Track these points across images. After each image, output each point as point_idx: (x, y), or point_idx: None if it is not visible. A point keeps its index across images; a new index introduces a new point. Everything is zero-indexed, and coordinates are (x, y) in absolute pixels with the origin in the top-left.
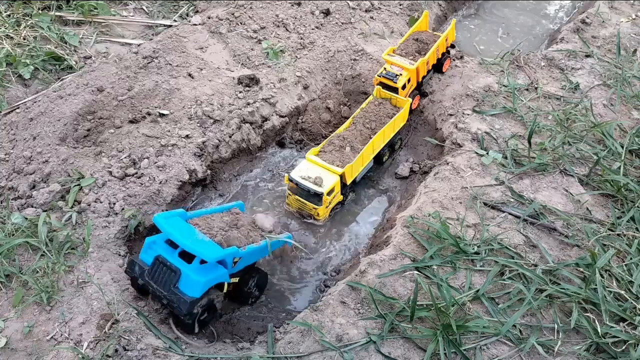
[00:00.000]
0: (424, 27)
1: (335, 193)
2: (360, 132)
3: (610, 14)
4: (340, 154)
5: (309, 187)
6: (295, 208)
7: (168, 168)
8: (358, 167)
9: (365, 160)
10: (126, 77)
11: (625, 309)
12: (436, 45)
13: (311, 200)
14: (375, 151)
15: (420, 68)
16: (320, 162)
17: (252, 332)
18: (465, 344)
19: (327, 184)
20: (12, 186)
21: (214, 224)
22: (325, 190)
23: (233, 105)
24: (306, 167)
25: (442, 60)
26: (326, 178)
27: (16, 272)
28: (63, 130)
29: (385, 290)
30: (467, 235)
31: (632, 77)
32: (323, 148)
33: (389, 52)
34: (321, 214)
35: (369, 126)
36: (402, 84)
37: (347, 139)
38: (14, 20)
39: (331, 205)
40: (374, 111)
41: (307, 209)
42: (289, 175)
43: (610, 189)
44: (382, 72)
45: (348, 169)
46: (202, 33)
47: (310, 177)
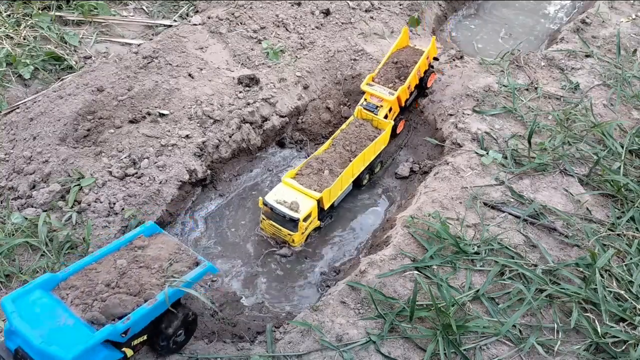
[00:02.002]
0: (405, 43)
1: (312, 219)
2: (339, 155)
3: (610, 14)
4: (318, 177)
5: (284, 212)
6: (270, 234)
7: (168, 168)
8: (336, 192)
9: (344, 184)
10: (126, 77)
11: (625, 309)
12: (417, 68)
13: (286, 226)
14: (354, 175)
15: (401, 95)
16: (297, 185)
17: (252, 332)
18: (465, 344)
19: (304, 209)
20: (12, 186)
21: (99, 279)
22: (301, 216)
23: (233, 105)
24: (282, 191)
25: (425, 78)
26: (303, 203)
27: (16, 272)
28: (63, 130)
29: (385, 290)
30: (467, 235)
31: (632, 77)
32: (300, 171)
33: (368, 81)
34: (296, 240)
35: (349, 148)
36: (383, 115)
37: (325, 162)
38: (14, 20)
39: (307, 232)
40: (355, 133)
41: (282, 235)
42: (264, 199)
43: (610, 189)
44: (362, 103)
45: (326, 193)
46: (202, 33)
47: (286, 202)
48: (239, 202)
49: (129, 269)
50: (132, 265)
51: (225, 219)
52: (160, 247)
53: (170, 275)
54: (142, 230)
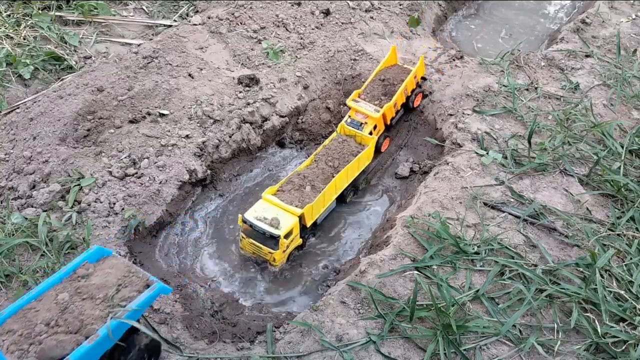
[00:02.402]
0: (393, 61)
1: (294, 236)
2: (322, 171)
3: (610, 14)
4: (300, 193)
5: (265, 229)
6: (250, 252)
7: (168, 168)
8: (319, 208)
9: (327, 200)
10: (126, 77)
11: (625, 309)
12: (403, 86)
13: (267, 244)
14: (338, 191)
15: (386, 113)
16: (278, 202)
17: (252, 332)
18: (465, 344)
19: (285, 226)
20: (12, 186)
21: (38, 319)
22: (282, 233)
23: (233, 105)
24: (262, 208)
25: (412, 97)
26: (284, 219)
27: (16, 272)
28: (63, 130)
29: (385, 290)
30: (467, 235)
31: (632, 77)
32: (281, 187)
33: (354, 97)
34: (278, 259)
35: (331, 164)
36: (367, 132)
37: (307, 178)
38: (14, 20)
39: (289, 250)
40: (338, 149)
41: (263, 254)
42: (243, 217)
43: (610, 189)
44: (347, 120)
45: (308, 209)
46: (202, 33)
47: (267, 218)
48: (239, 202)
49: (71, 302)
50: (75, 298)
51: (225, 219)
52: (108, 272)
53: (116, 304)
54: (86, 257)
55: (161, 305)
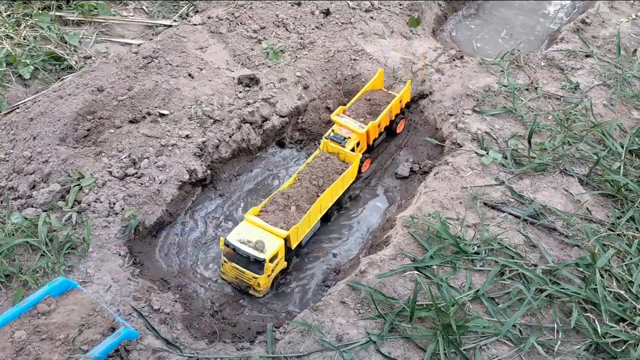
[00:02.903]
0: (379, 86)
1: (279, 259)
2: (306, 190)
3: (610, 14)
4: (285, 214)
5: (249, 253)
6: (232, 277)
7: (168, 168)
8: (304, 229)
9: (312, 220)
10: (126, 77)
11: (625, 309)
12: (389, 108)
13: (251, 268)
14: (323, 211)
15: (370, 131)
16: (262, 223)
17: (252, 332)
18: (465, 344)
19: (270, 249)
20: (12, 186)
21: None
22: (267, 256)
23: (233, 105)
24: (246, 230)
25: (395, 123)
26: (269, 242)
27: (16, 272)
28: (63, 130)
29: (385, 290)
30: (467, 235)
31: (632, 77)
32: (265, 207)
33: (338, 113)
34: (262, 284)
35: (315, 183)
36: (350, 148)
37: (292, 197)
38: (14, 20)
39: (274, 274)
40: (321, 167)
41: (246, 279)
42: (225, 239)
43: (610, 189)
44: (329, 134)
45: (293, 231)
46: (202, 33)
47: (250, 241)
48: (240, 201)
49: (28, 342)
50: (33, 337)
51: (226, 219)
52: (71, 309)
53: (77, 348)
54: (48, 290)
55: (161, 305)
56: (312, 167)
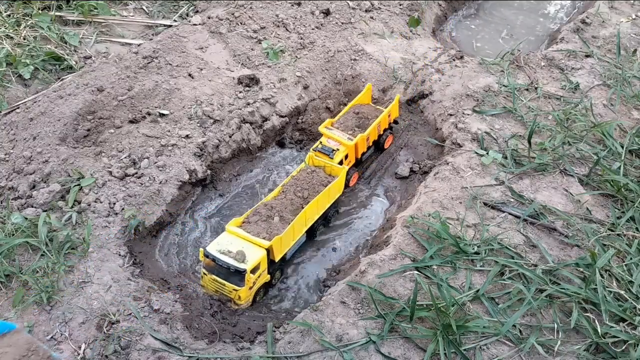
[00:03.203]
0: (367, 100)
1: (261, 271)
2: (290, 202)
3: (610, 14)
4: (268, 224)
5: (229, 263)
6: (212, 291)
7: (168, 168)
8: (288, 241)
9: (296, 233)
10: (126, 77)
11: (625, 309)
12: (378, 121)
13: (231, 280)
14: (308, 224)
15: (359, 144)
16: (244, 234)
17: (252, 332)
18: (465, 344)
19: (251, 259)
20: (12, 186)
21: None
22: (248, 267)
23: (233, 105)
24: (226, 240)
25: (383, 138)
26: (250, 252)
27: (16, 272)
28: (63, 130)
29: (385, 290)
30: (467, 235)
31: (632, 77)
32: (247, 218)
33: (326, 125)
34: (243, 297)
35: (300, 195)
36: (338, 161)
37: (275, 208)
38: (14, 20)
39: (255, 287)
40: (307, 179)
41: (226, 291)
42: (205, 250)
43: (610, 189)
44: (317, 146)
45: (276, 241)
46: (202, 33)
47: (231, 252)
48: (239, 201)
49: None
50: None
51: (225, 219)
52: (4, 351)
53: None
54: None
55: (161, 305)
56: (297, 180)
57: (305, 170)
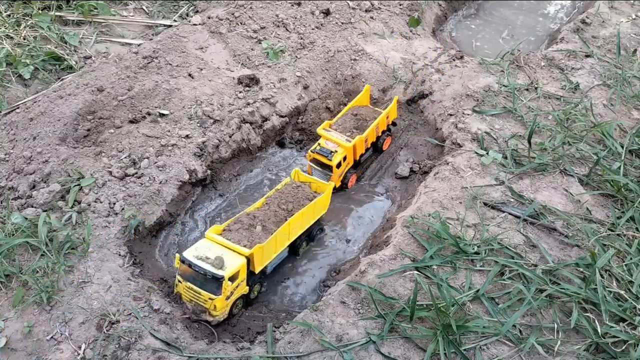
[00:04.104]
0: (365, 102)
1: (240, 281)
2: (274, 213)
3: (610, 14)
4: (249, 233)
5: (206, 270)
6: (187, 300)
7: (168, 168)
8: (270, 252)
9: (279, 245)
10: (126, 77)
11: (625, 309)
12: (376, 123)
13: (207, 288)
14: (291, 237)
15: (357, 146)
16: (224, 241)
17: (252, 332)
18: (465, 344)
19: (230, 267)
20: (12, 186)
21: None
22: (226, 274)
23: (233, 105)
24: (205, 247)
25: (381, 139)
26: (229, 259)
27: (16, 272)
28: (63, 130)
29: (385, 290)
30: (467, 235)
31: (632, 77)
32: (228, 226)
33: (324, 127)
34: (219, 307)
35: (285, 207)
36: (337, 162)
37: (258, 218)
38: (14, 20)
39: (233, 298)
40: (292, 193)
41: (202, 300)
42: (181, 256)
43: (610, 189)
44: (315, 148)
45: (258, 250)
46: (202, 33)
47: (209, 258)
48: (239, 202)
49: None
50: None
51: (225, 219)
52: None
53: None
54: None
55: (161, 305)
56: (281, 193)
57: (290, 184)
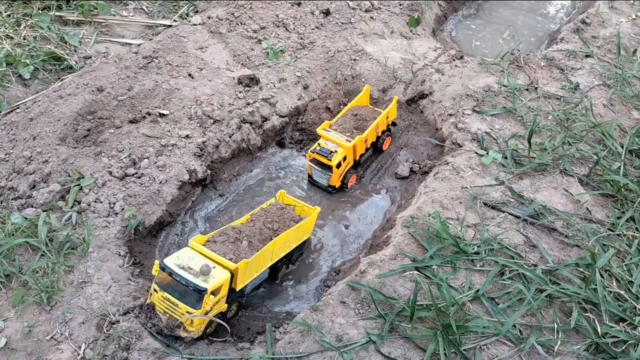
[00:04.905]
0: (365, 102)
1: (221, 297)
2: (259, 231)
3: (610, 14)
4: (235, 247)
5: (188, 280)
6: (160, 312)
7: (168, 168)
8: (253, 271)
9: (262, 264)
10: (126, 77)
11: (625, 309)
12: (376, 122)
13: (186, 300)
14: (274, 258)
15: (357, 146)
16: (208, 251)
17: (252, 332)
18: (465, 344)
19: (215, 279)
20: (12, 186)
21: None
22: (210, 287)
23: (233, 105)
24: (188, 256)
25: (381, 139)
26: (214, 272)
27: (16, 272)
28: (63, 130)
29: (385, 290)
30: (467, 235)
31: (632, 77)
32: (213, 238)
33: (324, 127)
34: (196, 323)
35: (270, 226)
36: (337, 162)
37: (244, 233)
38: (14, 20)
39: (210, 314)
40: (277, 213)
41: (178, 314)
42: (161, 262)
43: (610, 189)
44: (315, 148)
45: (243, 265)
46: (202, 33)
47: (192, 268)
48: (239, 201)
49: None
50: None
51: (225, 219)
52: None
53: None
54: None
55: None
56: (266, 212)
57: (275, 205)
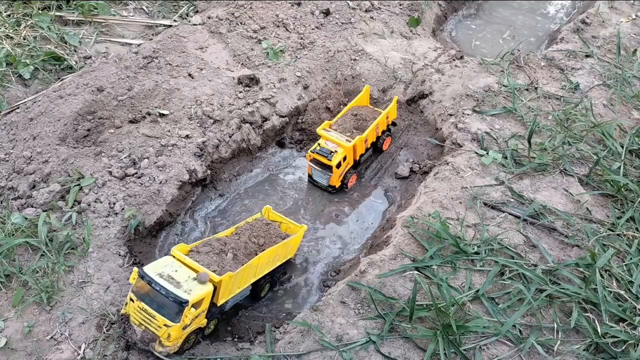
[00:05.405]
0: (365, 102)
1: (201, 311)
2: (245, 244)
3: (610, 14)
4: (220, 258)
5: (169, 291)
6: (135, 323)
7: (168, 168)
8: (236, 286)
9: (245, 280)
10: (126, 77)
11: (625, 309)
12: (376, 122)
13: (164, 312)
14: (257, 274)
15: (357, 146)
16: (191, 261)
17: (252, 332)
18: (465, 344)
19: (197, 291)
20: (12, 186)
21: None
22: (191, 299)
23: (233, 105)
24: (169, 265)
25: (381, 139)
26: (194, 284)
27: (16, 272)
28: (63, 130)
29: (385, 290)
30: (467, 235)
31: (632, 77)
32: (197, 247)
33: (324, 127)
34: (173, 336)
35: (256, 241)
36: (336, 162)
37: (229, 245)
38: (14, 20)
39: (189, 330)
40: (263, 228)
41: (153, 326)
42: (139, 271)
43: (610, 189)
44: (315, 148)
45: (227, 279)
46: (202, 33)
47: (173, 278)
48: (239, 201)
49: None
50: None
51: (225, 219)
52: None
53: None
54: None
55: None
56: (252, 226)
57: (260, 219)
